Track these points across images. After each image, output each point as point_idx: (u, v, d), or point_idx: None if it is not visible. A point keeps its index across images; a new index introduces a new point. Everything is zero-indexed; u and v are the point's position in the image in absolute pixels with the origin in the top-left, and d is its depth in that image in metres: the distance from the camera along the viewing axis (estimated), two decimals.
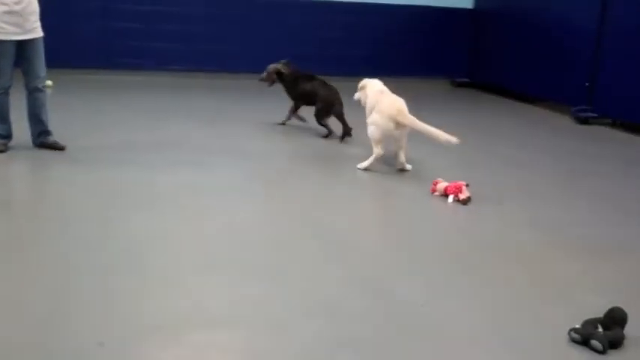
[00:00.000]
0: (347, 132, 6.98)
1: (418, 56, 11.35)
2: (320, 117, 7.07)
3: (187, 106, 8.33)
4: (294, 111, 7.42)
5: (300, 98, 7.30)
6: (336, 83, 7.09)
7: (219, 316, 3.23)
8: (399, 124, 5.75)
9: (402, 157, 5.92)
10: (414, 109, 8.39)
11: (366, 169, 5.86)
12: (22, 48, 5.65)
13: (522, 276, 3.90)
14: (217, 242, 4.16)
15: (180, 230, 4.32)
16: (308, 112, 7.23)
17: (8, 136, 5.84)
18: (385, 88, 6.20)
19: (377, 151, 5.88)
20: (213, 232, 4.33)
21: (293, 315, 3.26)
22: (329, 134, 7.08)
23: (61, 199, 4.87)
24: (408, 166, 5.95)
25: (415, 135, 5.83)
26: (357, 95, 6.37)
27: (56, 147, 5.90)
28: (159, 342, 2.96)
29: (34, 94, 5.82)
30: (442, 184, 5.22)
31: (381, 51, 11.13)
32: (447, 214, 4.99)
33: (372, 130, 5.88)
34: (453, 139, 5.64)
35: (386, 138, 5.83)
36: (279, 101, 7.62)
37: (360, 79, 6.38)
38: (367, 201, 5.27)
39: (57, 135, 5.97)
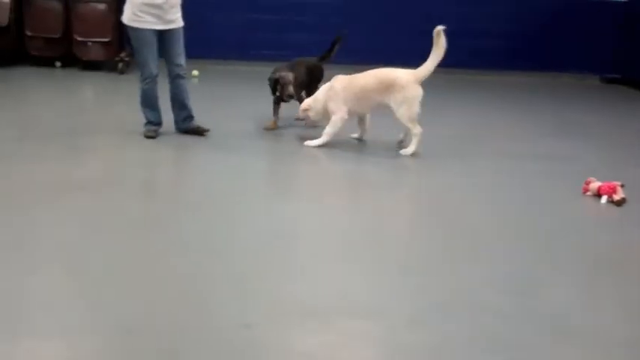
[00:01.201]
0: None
1: (564, 50, 10.79)
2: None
3: None
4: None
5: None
6: (472, 77, 6.82)
7: (362, 305, 3.19)
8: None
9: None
10: (558, 106, 7.97)
11: (413, 154, 5.75)
12: (161, 37, 5.78)
13: None
14: (356, 233, 4.11)
15: (319, 219, 4.32)
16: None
17: (159, 123, 6.04)
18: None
19: (418, 129, 5.74)
20: (351, 222, 4.29)
21: (435, 309, 3.18)
22: None
23: (204, 182, 4.97)
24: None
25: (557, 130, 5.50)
26: (302, 115, 6.12)
27: (200, 131, 6.04)
28: (303, 327, 2.96)
29: (176, 82, 5.95)
30: (595, 184, 4.89)
31: (524, 44, 10.70)
32: (599, 216, 4.67)
33: (410, 108, 5.68)
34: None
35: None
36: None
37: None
38: (513, 198, 4.99)
39: (200, 122, 6.12)
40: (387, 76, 5.79)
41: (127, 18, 5.74)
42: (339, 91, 5.89)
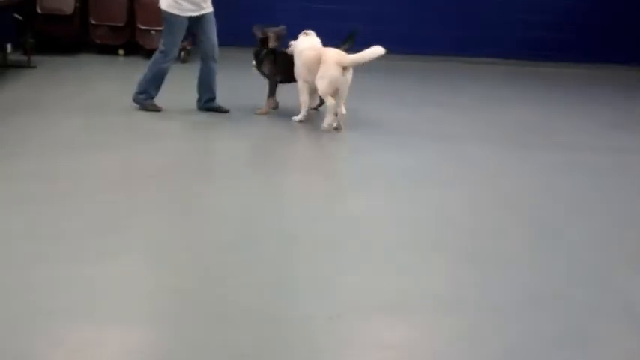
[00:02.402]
0: None
1: (625, 42, 10.56)
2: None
3: (392, 89, 8.33)
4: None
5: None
6: (533, 68, 6.70)
7: (443, 298, 3.20)
8: (344, 69, 5.79)
9: (343, 110, 5.96)
10: (618, 99, 7.71)
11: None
12: (197, 22, 6.09)
13: None
14: (431, 225, 4.14)
15: (394, 211, 4.33)
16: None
17: (154, 97, 6.31)
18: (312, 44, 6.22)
19: (331, 101, 5.86)
20: (425, 214, 4.30)
21: (517, 303, 3.18)
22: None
23: (275, 170, 5.01)
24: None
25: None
26: (289, 50, 6.39)
27: (221, 110, 6.37)
28: (387, 320, 2.98)
29: (209, 65, 6.25)
30: None
31: (585, 36, 10.49)
32: None
33: (327, 83, 5.83)
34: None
35: (333, 88, 5.83)
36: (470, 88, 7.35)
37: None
38: (583, 192, 4.92)
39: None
40: (321, 52, 6.04)
41: (165, 4, 6.06)
42: (299, 55, 6.18)
